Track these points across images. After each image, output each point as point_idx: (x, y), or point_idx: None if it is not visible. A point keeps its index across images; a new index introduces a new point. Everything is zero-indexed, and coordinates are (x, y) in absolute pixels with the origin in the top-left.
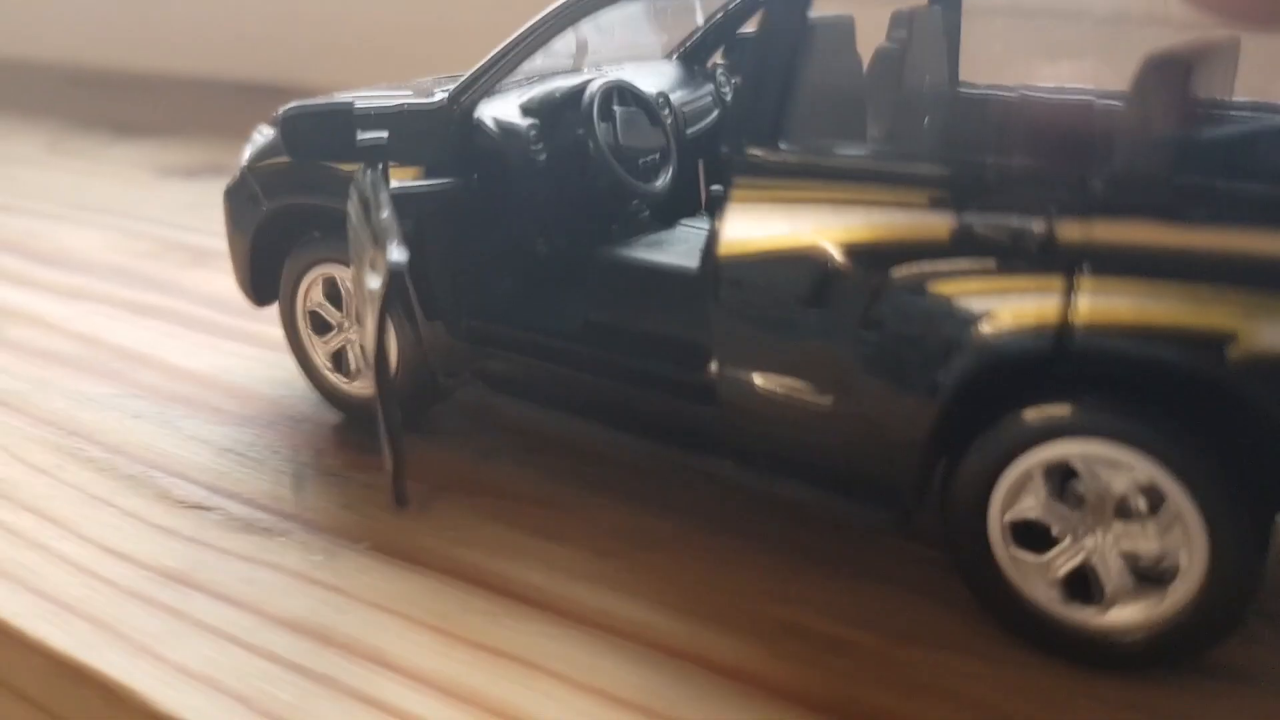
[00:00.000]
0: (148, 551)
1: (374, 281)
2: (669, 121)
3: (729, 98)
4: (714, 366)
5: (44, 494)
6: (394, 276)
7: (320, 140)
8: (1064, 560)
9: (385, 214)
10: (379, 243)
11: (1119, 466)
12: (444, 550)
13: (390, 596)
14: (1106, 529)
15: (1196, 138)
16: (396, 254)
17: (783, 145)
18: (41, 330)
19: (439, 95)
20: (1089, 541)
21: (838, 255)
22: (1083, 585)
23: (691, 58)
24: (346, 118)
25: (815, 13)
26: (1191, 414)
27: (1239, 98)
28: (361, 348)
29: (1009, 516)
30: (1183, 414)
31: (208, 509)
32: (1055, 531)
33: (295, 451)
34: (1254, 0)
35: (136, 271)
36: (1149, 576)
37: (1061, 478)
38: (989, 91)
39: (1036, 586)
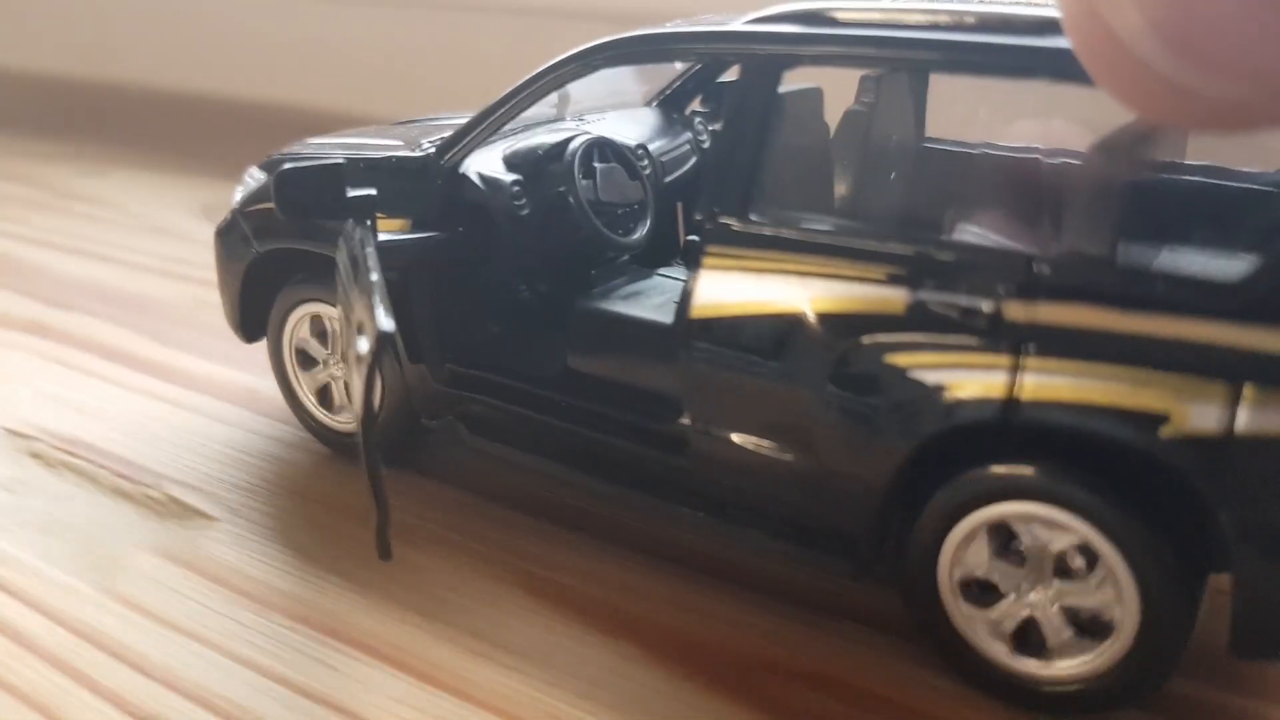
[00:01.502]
0: None
1: (363, 346)
2: (647, 173)
3: (705, 145)
4: (686, 418)
5: None
6: (381, 343)
7: (312, 198)
8: (1010, 615)
9: (375, 276)
10: (367, 308)
11: (1058, 527)
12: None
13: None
14: (1047, 586)
15: (1138, 220)
16: (385, 323)
17: (752, 216)
18: None
19: (426, 146)
20: (1032, 597)
21: (802, 323)
22: (1028, 638)
23: (670, 104)
24: (337, 175)
25: (785, 87)
26: (1127, 483)
27: (1190, 162)
28: (349, 394)
29: (959, 574)
30: (1118, 482)
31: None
32: (1001, 588)
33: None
34: (1184, 107)
35: None
36: (1088, 630)
37: (1005, 538)
38: (953, 150)
39: (986, 640)
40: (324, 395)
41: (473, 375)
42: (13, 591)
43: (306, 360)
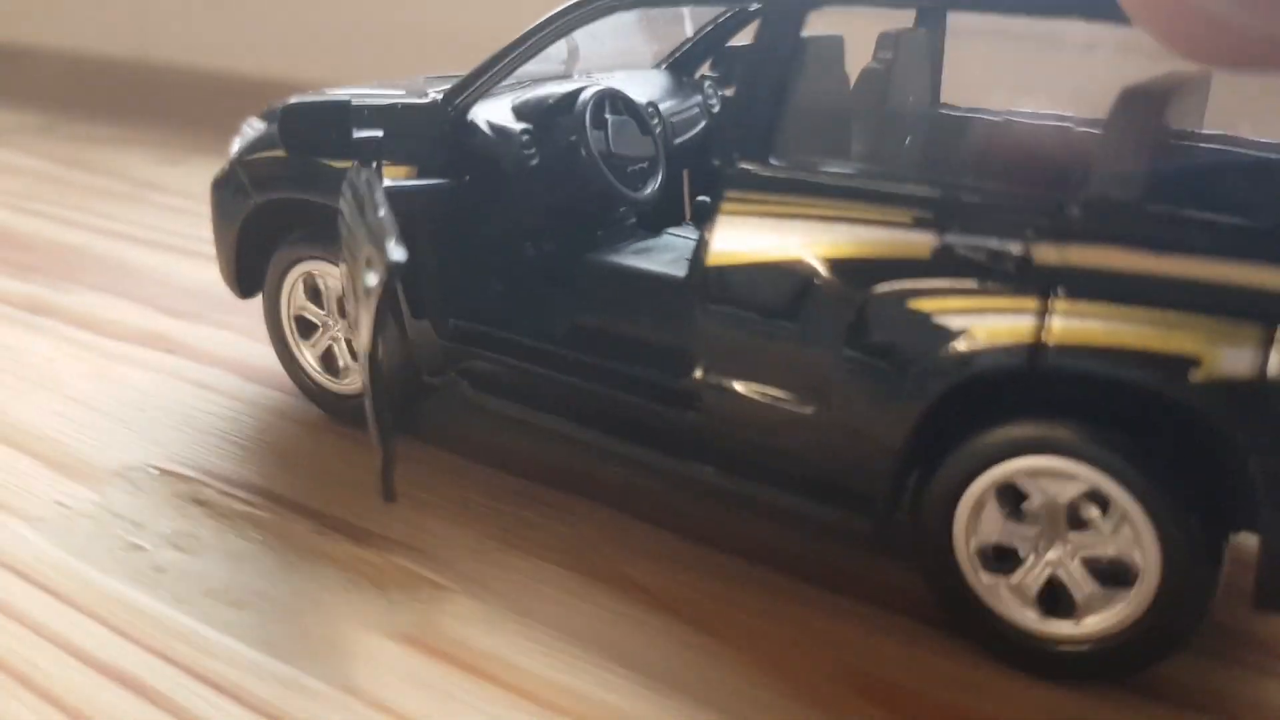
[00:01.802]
0: None
1: (371, 279)
2: (658, 131)
3: (715, 109)
4: (698, 373)
5: None
6: (392, 274)
7: (317, 135)
8: (1033, 578)
9: (383, 212)
10: (376, 241)
11: (1067, 478)
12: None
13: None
14: (1064, 540)
15: (1167, 168)
16: (396, 252)
17: (773, 160)
18: None
19: (432, 95)
20: (1051, 555)
21: (823, 269)
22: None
23: (680, 68)
24: (344, 113)
25: (807, 33)
26: (1154, 432)
27: (1208, 130)
28: (351, 345)
29: (975, 544)
30: (1146, 432)
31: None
32: (1020, 552)
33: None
34: (1217, 41)
35: None
36: (1112, 579)
37: (1014, 499)
38: (970, 114)
39: (1012, 607)
40: (326, 360)
41: (477, 330)
42: (226, 688)
43: (306, 326)
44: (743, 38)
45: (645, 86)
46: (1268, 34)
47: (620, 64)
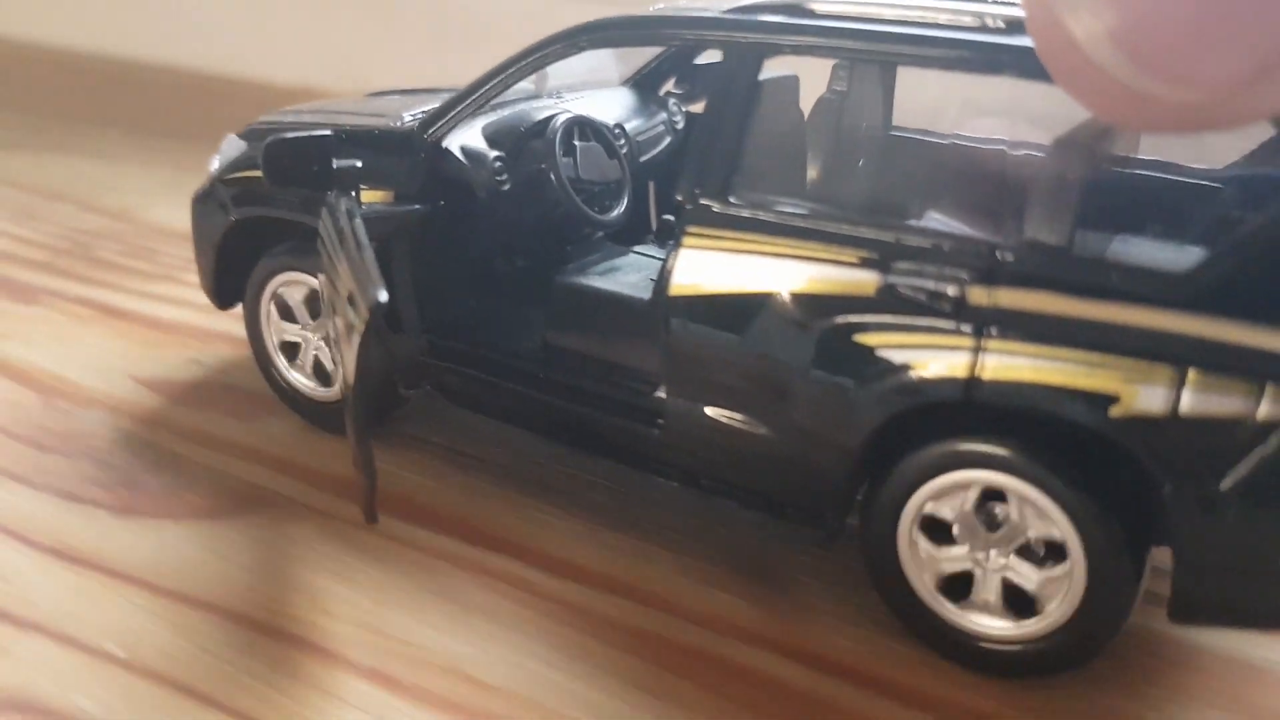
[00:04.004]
0: None
1: (355, 318)
2: (624, 152)
3: (679, 125)
4: (661, 392)
5: None
6: (375, 314)
7: (299, 168)
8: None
9: (366, 252)
10: (359, 280)
11: (1041, 515)
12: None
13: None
14: (1003, 556)
15: (1096, 212)
16: (380, 294)
17: (732, 199)
18: None
19: (408, 120)
20: (981, 556)
21: (777, 302)
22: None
23: (645, 85)
24: (324, 146)
25: (765, 74)
26: (1082, 460)
27: (1142, 156)
28: (339, 364)
29: (927, 508)
30: (1074, 459)
31: None
32: (955, 534)
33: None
34: (1135, 108)
35: None
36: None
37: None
38: (920, 145)
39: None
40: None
41: (451, 345)
42: None
43: (290, 347)
44: (707, 56)
45: (612, 106)
46: (1188, 102)
47: (588, 81)
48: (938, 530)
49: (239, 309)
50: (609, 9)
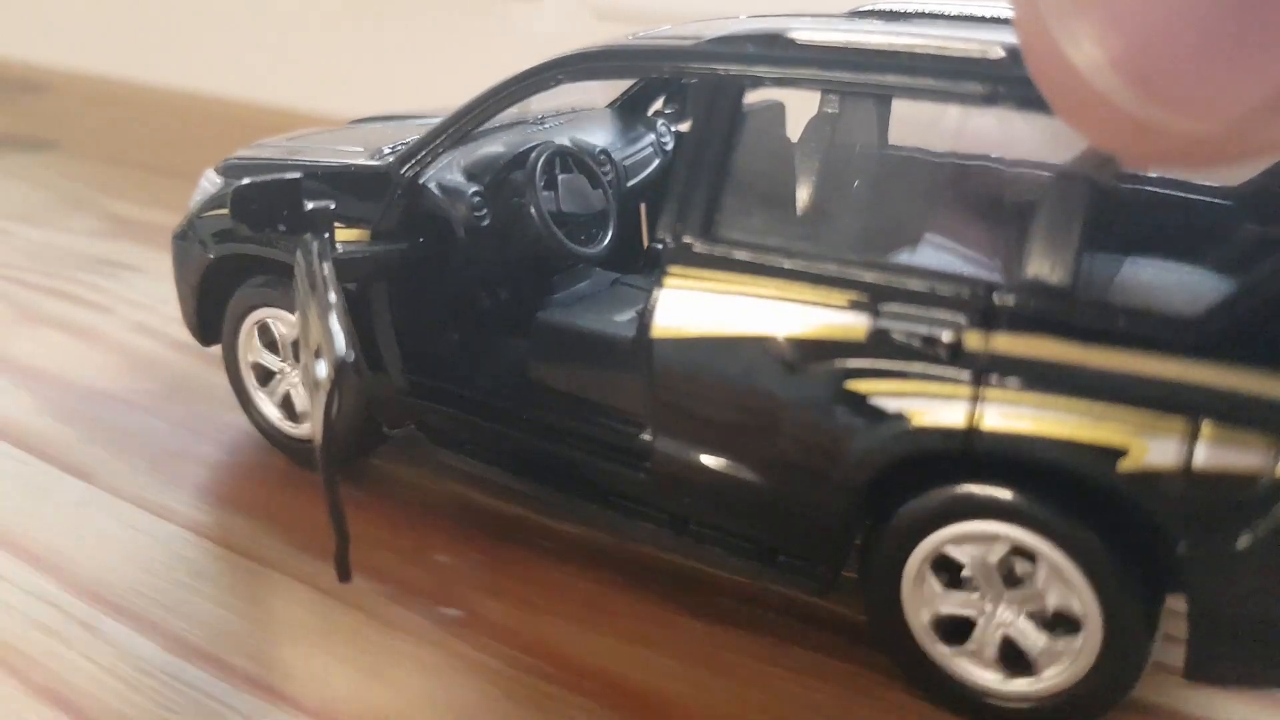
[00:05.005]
0: None
1: (321, 370)
2: (609, 179)
3: (669, 146)
4: (646, 435)
5: None
6: (340, 370)
7: (269, 212)
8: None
9: (331, 298)
10: (324, 327)
11: (1066, 584)
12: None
13: None
14: (1012, 614)
15: (1101, 251)
16: (344, 349)
17: (714, 237)
18: None
19: (386, 154)
20: (988, 608)
21: (764, 346)
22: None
23: (632, 106)
24: (294, 190)
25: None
26: (1088, 509)
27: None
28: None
29: (947, 549)
30: (1081, 508)
31: None
32: (968, 579)
33: None
34: (1141, 141)
35: None
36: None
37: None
38: (913, 184)
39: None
40: (285, 405)
41: (433, 385)
42: None
43: (264, 371)
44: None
45: (597, 131)
46: (1195, 134)
47: (573, 104)
48: (948, 571)
49: None
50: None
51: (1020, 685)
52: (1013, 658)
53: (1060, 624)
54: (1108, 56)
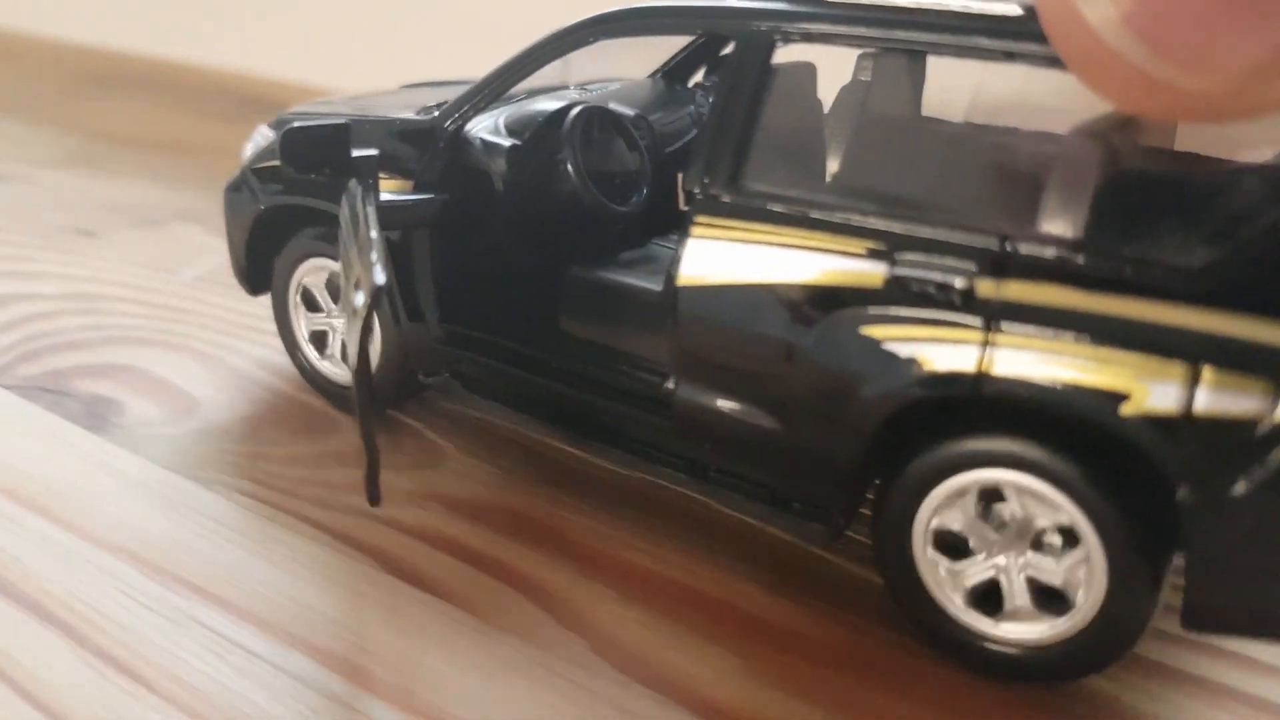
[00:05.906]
0: None
1: (358, 300)
2: (645, 143)
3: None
4: (669, 383)
5: None
6: (376, 296)
7: (317, 156)
8: (975, 572)
9: (373, 233)
10: (364, 261)
11: (1045, 502)
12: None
13: None
14: (1020, 554)
15: (1111, 203)
16: (380, 276)
17: (740, 188)
18: None
19: (431, 109)
20: (1000, 560)
21: (784, 293)
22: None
23: (673, 77)
24: (342, 135)
25: (778, 60)
26: (1096, 458)
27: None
28: (345, 353)
29: (934, 523)
30: (1088, 457)
31: None
32: (971, 545)
33: None
34: (1151, 96)
35: None
36: (1047, 602)
37: (988, 501)
38: (928, 139)
39: (945, 591)
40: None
41: (468, 334)
42: None
43: (312, 307)
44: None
45: (636, 98)
46: (1204, 90)
47: (613, 73)
48: (952, 547)
49: None
50: None
51: (1064, 624)
52: (1050, 604)
53: (1065, 543)
54: (1120, 13)
